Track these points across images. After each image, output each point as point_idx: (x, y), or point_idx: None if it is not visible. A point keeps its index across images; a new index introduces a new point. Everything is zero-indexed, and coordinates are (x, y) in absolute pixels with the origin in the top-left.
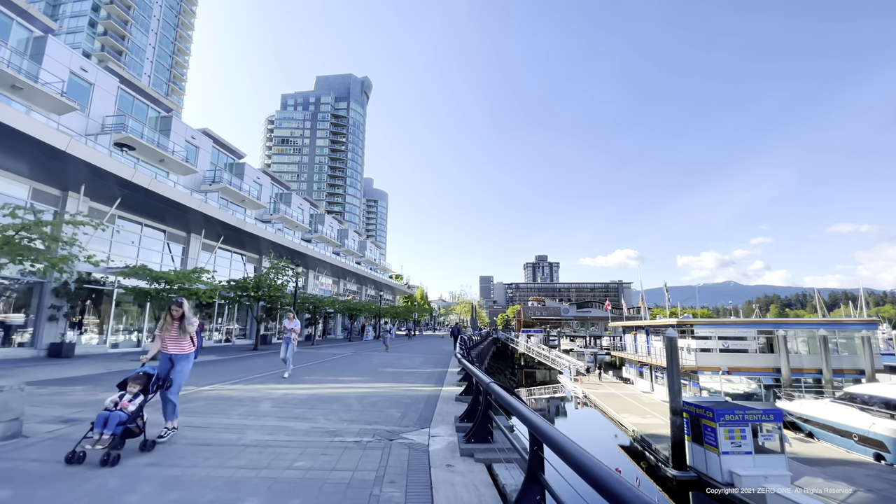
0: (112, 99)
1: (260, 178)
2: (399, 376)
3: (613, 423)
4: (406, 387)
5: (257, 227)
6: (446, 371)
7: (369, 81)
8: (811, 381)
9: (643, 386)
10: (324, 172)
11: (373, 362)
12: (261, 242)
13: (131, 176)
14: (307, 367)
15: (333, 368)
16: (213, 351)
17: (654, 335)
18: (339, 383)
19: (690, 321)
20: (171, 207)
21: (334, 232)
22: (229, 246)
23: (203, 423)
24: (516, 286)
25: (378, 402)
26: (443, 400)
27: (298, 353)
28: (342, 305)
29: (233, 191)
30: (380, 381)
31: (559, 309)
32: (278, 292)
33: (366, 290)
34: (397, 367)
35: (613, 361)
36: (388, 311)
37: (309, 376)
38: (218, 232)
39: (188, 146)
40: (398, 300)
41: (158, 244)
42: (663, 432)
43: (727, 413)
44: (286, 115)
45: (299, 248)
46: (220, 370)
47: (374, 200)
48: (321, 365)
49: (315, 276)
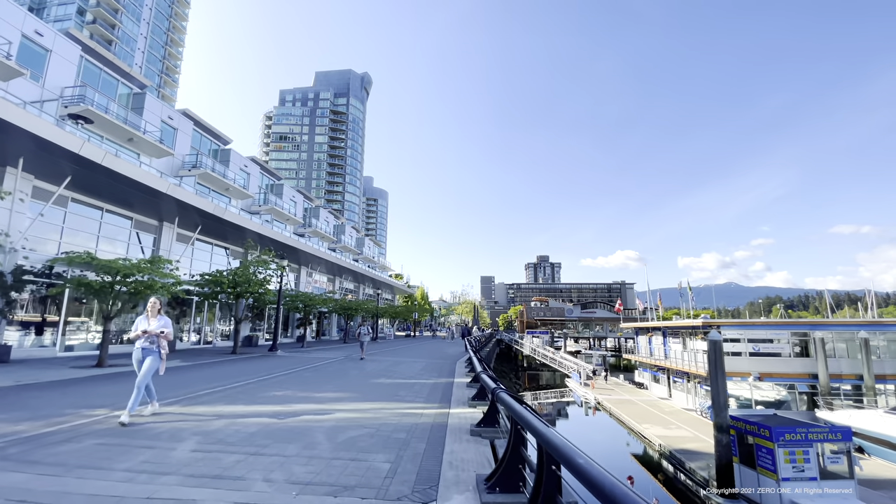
0: (72, 69)
1: (248, 166)
2: (393, 390)
3: (634, 435)
4: (401, 408)
5: (239, 217)
6: (452, 382)
7: (369, 77)
8: (849, 388)
9: (659, 392)
10: (322, 170)
11: (364, 370)
12: (246, 234)
13: (78, 148)
14: (281, 377)
15: (314, 379)
16: (185, 355)
17: (672, 337)
18: (314, 402)
19: (717, 321)
20: (136, 190)
21: (330, 227)
22: (210, 238)
23: (54, 488)
24: (518, 286)
25: (358, 440)
26: (453, 433)
27: (282, 358)
28: (337, 304)
29: (215, 177)
30: (368, 397)
31: (563, 309)
32: (260, 288)
33: (364, 288)
34: (392, 377)
35: (619, 364)
36: (387, 311)
37: (277, 391)
38: (195, 221)
39: (164, 127)
40: (398, 300)
41: (124, 233)
42: (694, 447)
43: (787, 431)
44: (284, 112)
45: (290, 242)
46: (173, 381)
47: (374, 199)
48: (299, 374)
49: (308, 272)
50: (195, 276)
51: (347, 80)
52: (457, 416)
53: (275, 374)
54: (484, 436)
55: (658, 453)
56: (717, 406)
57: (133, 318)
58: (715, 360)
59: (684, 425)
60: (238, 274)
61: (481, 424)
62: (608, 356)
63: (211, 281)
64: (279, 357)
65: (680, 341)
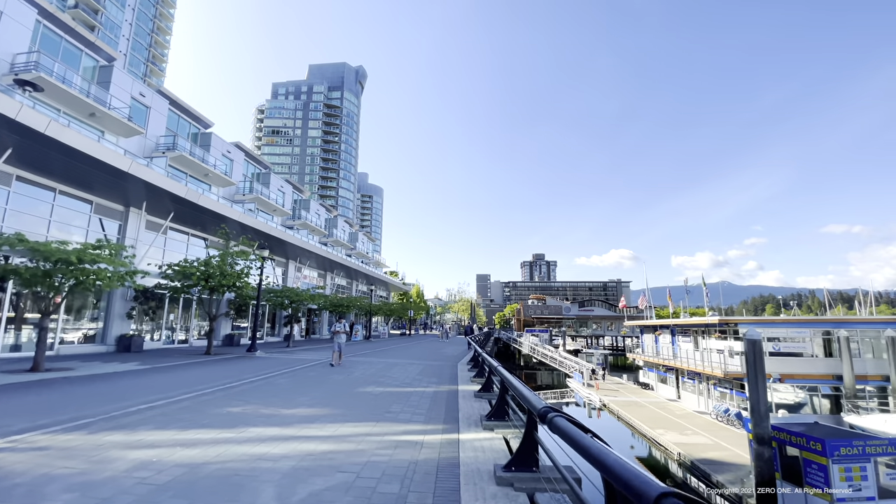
0: (27, 34)
1: (231, 152)
2: (384, 403)
3: (648, 441)
4: (394, 434)
5: (218, 203)
6: (456, 391)
7: (364, 71)
8: (873, 390)
9: (667, 393)
10: (316, 164)
11: (351, 375)
12: (228, 224)
13: (15, 113)
14: (248, 386)
15: (287, 388)
16: (151, 356)
17: (682, 335)
18: (277, 424)
19: (735, 319)
20: (94, 170)
21: (321, 220)
22: (186, 227)
23: None
24: (514, 285)
25: (324, 499)
26: (471, 480)
27: (259, 360)
28: (327, 301)
29: (192, 161)
30: (350, 415)
31: (560, 308)
32: (237, 281)
33: (357, 285)
34: (384, 384)
35: (618, 362)
36: (382, 309)
37: (235, 405)
38: (167, 207)
39: (135, 105)
40: (393, 297)
41: (82, 218)
42: (717, 456)
43: (843, 445)
44: (277, 105)
45: (276, 234)
46: (107, 390)
47: (370, 196)
48: (272, 381)
49: (297, 267)
50: (164, 267)
51: (342, 74)
52: (470, 445)
53: (241, 382)
54: (518, 486)
55: (677, 463)
56: (756, 415)
57: (93, 313)
58: (754, 361)
59: (701, 431)
60: (211, 265)
61: (513, 467)
62: (609, 355)
63: (180, 272)
64: (257, 359)
65: (691, 340)
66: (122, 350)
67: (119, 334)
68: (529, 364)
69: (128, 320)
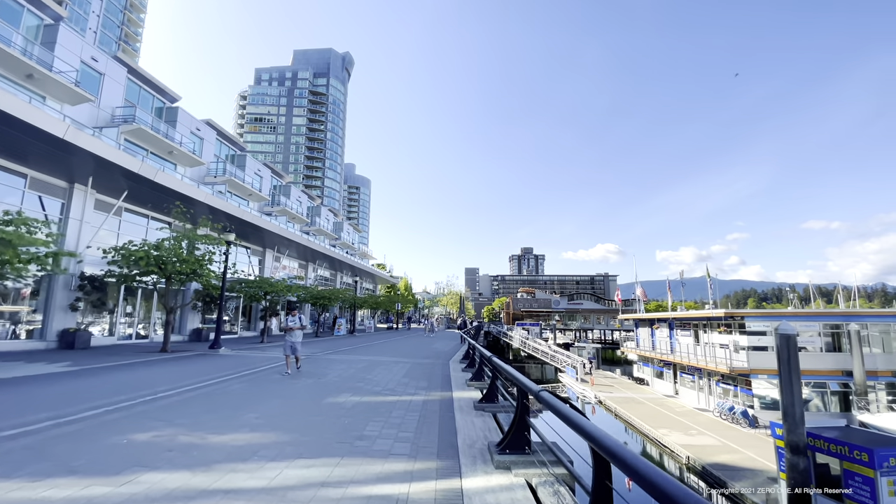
0: None
1: (201, 129)
2: (356, 423)
3: (651, 443)
4: (362, 482)
5: (179, 181)
6: (451, 400)
7: (351, 57)
8: (882, 386)
9: (663, 388)
10: (301, 153)
11: (323, 379)
12: (196, 207)
13: None
14: (187, 395)
15: (237, 398)
16: (95, 354)
17: (680, 329)
18: (189, 465)
19: (741, 312)
20: (25, 136)
21: (303, 208)
22: (146, 209)
23: None
24: (502, 278)
25: None
26: None
27: (221, 359)
28: (308, 293)
29: (153, 136)
30: (304, 446)
31: (550, 301)
32: (197, 268)
33: (341, 277)
34: (359, 391)
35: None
36: (367, 302)
37: (151, 428)
38: (120, 185)
39: (86, 70)
40: (380, 290)
41: (14, 194)
42: (728, 460)
43: (892, 455)
44: (260, 91)
45: (251, 219)
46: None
47: (357, 187)
48: (223, 388)
49: (275, 256)
50: (109, 251)
51: (328, 60)
52: (480, 497)
53: (182, 389)
54: None
55: (686, 467)
56: (791, 420)
57: (33, 304)
58: (788, 359)
59: (707, 431)
60: (163, 249)
61: None
62: (600, 349)
63: (125, 258)
64: (219, 357)
65: (690, 334)
66: (65, 347)
67: (61, 329)
68: (518, 358)
69: (72, 313)
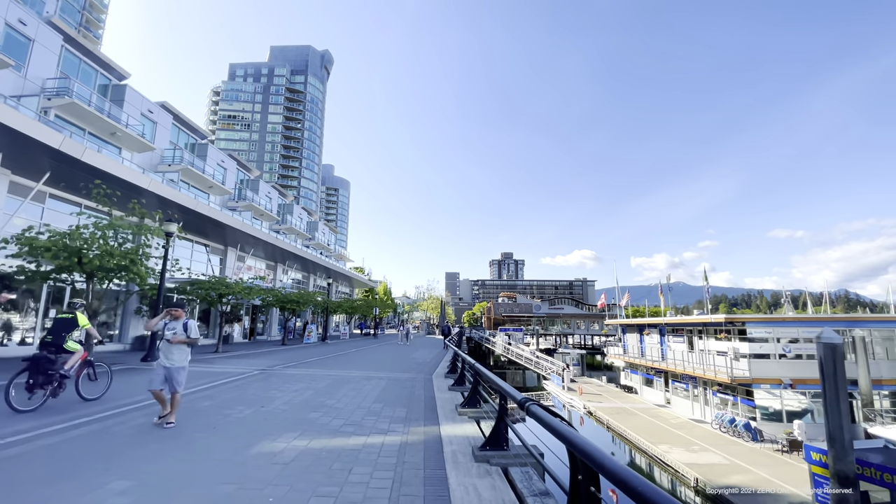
0: None
1: (154, 112)
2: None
3: (655, 463)
4: None
5: (115, 163)
6: (439, 438)
7: (330, 56)
8: (887, 394)
9: (653, 397)
10: (276, 152)
11: (268, 407)
12: (144, 197)
13: None
14: (52, 439)
15: (120, 443)
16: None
17: (673, 335)
18: None
19: (742, 317)
20: None
21: (273, 204)
22: (78, 196)
23: None
24: (482, 283)
25: None
26: None
27: (146, 375)
28: (275, 296)
29: (90, 112)
30: None
31: (531, 306)
32: (126, 262)
33: (315, 279)
34: (311, 430)
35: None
36: (342, 306)
37: None
38: (41, 165)
39: (9, 32)
40: (357, 294)
41: None
42: (741, 481)
43: None
44: (234, 87)
45: (208, 212)
46: None
47: (335, 189)
48: (111, 425)
49: (239, 256)
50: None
51: (306, 57)
52: None
53: (39, 432)
54: None
55: (694, 490)
56: (838, 446)
57: None
58: (834, 374)
59: (709, 446)
60: (77, 237)
61: None
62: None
63: (30, 248)
64: (146, 372)
65: (683, 340)
66: None
67: None
68: (499, 364)
69: None
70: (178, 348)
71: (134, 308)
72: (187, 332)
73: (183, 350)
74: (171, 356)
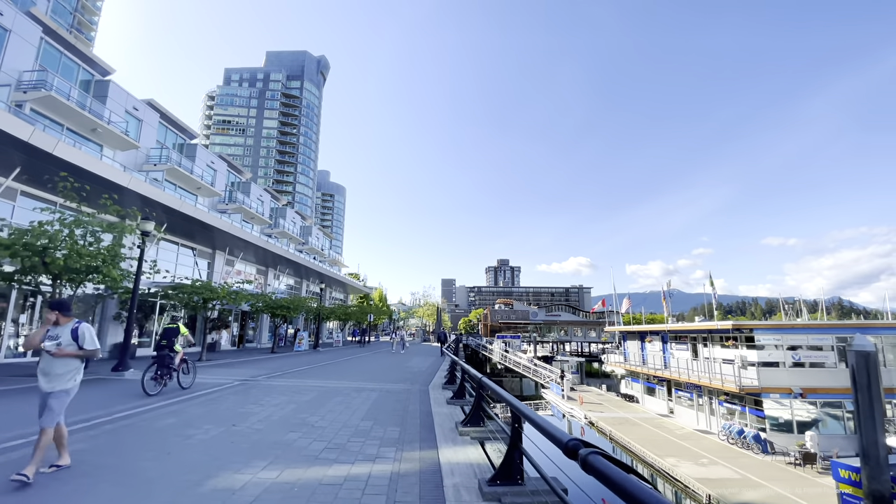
0: None
1: (140, 109)
2: None
3: (661, 477)
4: None
5: (92, 160)
6: (438, 468)
7: (326, 61)
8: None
9: (655, 406)
10: (271, 158)
11: (241, 425)
12: (125, 196)
13: None
14: None
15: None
16: None
17: (675, 342)
18: None
19: (750, 324)
20: None
21: (265, 207)
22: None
23: None
24: (478, 289)
25: None
26: None
27: (114, 386)
28: (265, 302)
29: (68, 107)
30: None
31: (528, 312)
32: (97, 263)
33: (308, 285)
34: (284, 456)
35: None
36: (335, 312)
37: None
38: (9, 160)
39: None
40: (352, 300)
41: None
42: (756, 498)
43: None
44: (229, 92)
45: (194, 213)
46: None
47: (331, 195)
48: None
49: (227, 260)
50: None
51: (302, 62)
52: None
53: None
54: None
55: None
56: (873, 463)
57: None
58: (868, 384)
59: (718, 459)
60: (39, 233)
61: None
62: (583, 362)
63: None
64: (114, 382)
65: (687, 348)
66: None
67: None
68: (495, 371)
69: None
70: (62, 363)
71: (113, 314)
72: (79, 342)
73: (69, 365)
74: (50, 375)
